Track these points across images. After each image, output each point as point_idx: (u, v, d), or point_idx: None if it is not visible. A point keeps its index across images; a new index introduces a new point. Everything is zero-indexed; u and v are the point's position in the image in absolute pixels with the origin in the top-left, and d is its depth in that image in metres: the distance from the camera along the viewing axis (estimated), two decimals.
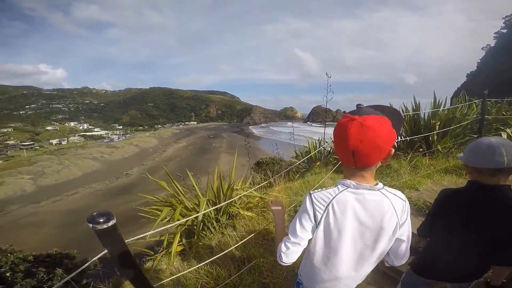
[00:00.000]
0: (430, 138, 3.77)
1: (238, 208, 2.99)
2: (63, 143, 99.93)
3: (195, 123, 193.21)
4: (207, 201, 2.94)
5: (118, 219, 0.96)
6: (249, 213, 2.98)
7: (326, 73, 5.01)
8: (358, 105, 0.97)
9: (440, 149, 3.76)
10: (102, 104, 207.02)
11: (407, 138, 4.17)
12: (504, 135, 3.90)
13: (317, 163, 4.84)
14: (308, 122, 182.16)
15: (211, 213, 2.88)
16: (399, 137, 4.16)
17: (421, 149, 3.80)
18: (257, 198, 3.34)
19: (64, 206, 29.75)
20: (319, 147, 5.44)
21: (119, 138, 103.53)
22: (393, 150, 0.88)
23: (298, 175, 4.91)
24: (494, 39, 59.68)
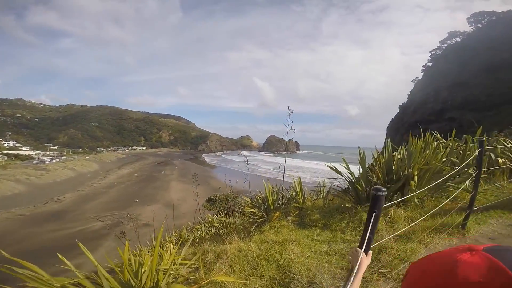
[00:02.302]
0: (407, 187, 3.29)
1: None
2: None
3: (144, 148, 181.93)
4: None
5: (44, 247, 0.46)
6: None
7: (288, 107, 4.59)
8: None
9: (416, 200, 3.28)
10: (37, 119, 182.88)
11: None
12: None
13: (276, 213, 4.03)
14: (260, 152, 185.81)
15: None
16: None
17: (396, 201, 3.28)
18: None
19: None
20: (277, 193, 4.65)
21: (52, 159, 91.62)
22: None
23: (254, 226, 4.00)
24: (421, 72, 67.14)
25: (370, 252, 1.26)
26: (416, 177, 3.12)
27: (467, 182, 3.68)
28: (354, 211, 3.44)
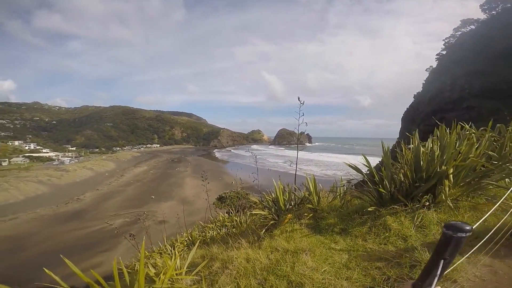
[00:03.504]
0: (440, 187, 2.85)
1: None
2: (4, 164, 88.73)
3: (158, 145, 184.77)
4: None
5: (66, 246, 0.47)
6: None
7: (298, 98, 4.25)
8: None
9: (449, 201, 2.83)
10: (54, 122, 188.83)
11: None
12: None
13: (288, 215, 3.67)
14: (270, 146, 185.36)
15: None
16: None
17: (427, 202, 2.85)
18: None
19: (1, 232, 26.79)
20: (288, 193, 4.27)
21: (71, 160, 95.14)
22: None
23: (264, 230, 3.67)
24: (436, 61, 64.32)
25: None
26: (451, 176, 2.69)
27: (507, 179, 3.20)
28: (377, 214, 3.04)
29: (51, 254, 19.42)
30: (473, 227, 0.82)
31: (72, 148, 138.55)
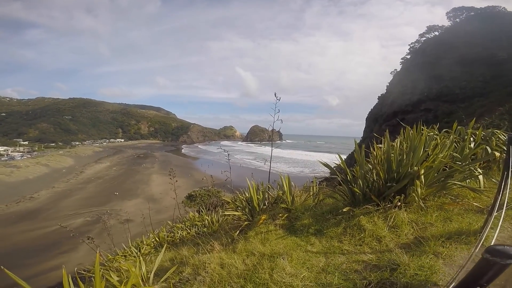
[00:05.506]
0: (411, 187, 2.93)
1: None
2: None
3: (122, 140, 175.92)
4: None
5: (19, 248, 0.48)
6: None
7: (275, 94, 4.28)
8: None
9: (418, 200, 2.93)
10: (4, 114, 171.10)
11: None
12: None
13: (263, 216, 3.58)
14: (240, 143, 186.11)
15: None
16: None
17: (399, 202, 2.91)
18: None
19: None
20: (262, 192, 4.17)
21: (22, 156, 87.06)
22: None
23: (238, 231, 3.54)
24: (400, 64, 67.98)
25: None
26: (422, 176, 2.78)
27: (468, 180, 3.39)
28: (351, 214, 3.06)
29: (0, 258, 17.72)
30: None
31: (24, 142, 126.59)
